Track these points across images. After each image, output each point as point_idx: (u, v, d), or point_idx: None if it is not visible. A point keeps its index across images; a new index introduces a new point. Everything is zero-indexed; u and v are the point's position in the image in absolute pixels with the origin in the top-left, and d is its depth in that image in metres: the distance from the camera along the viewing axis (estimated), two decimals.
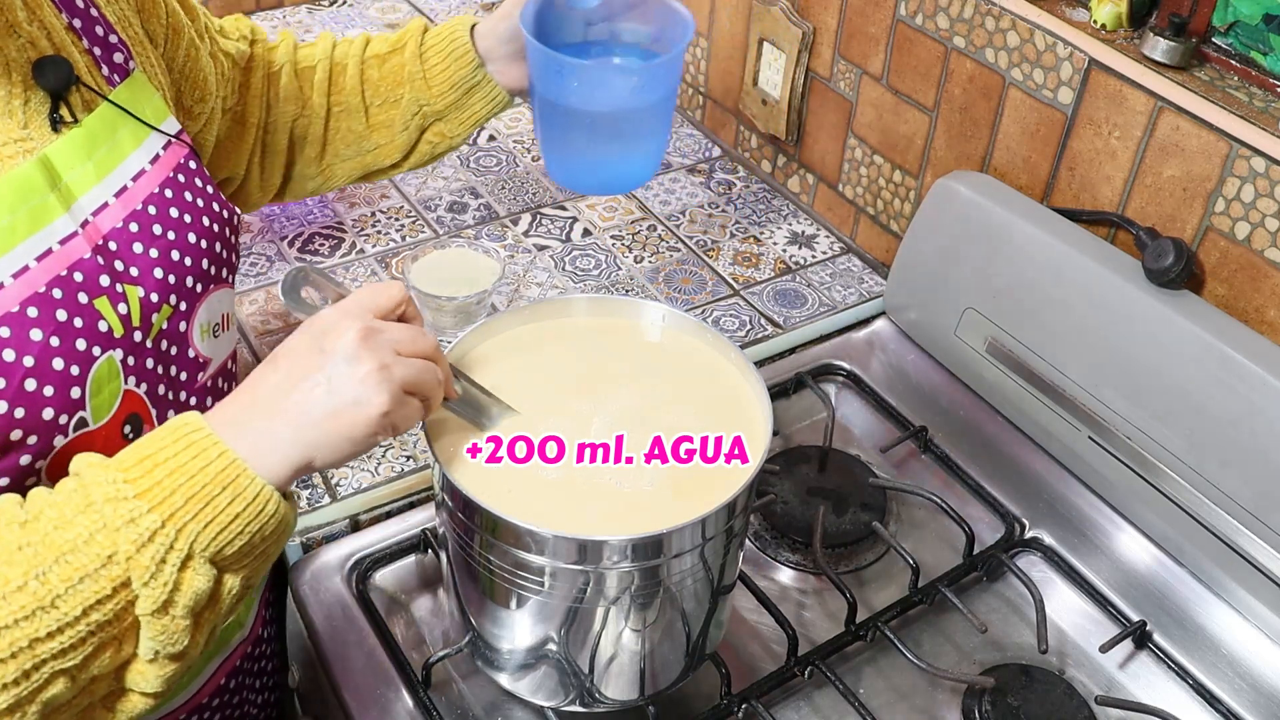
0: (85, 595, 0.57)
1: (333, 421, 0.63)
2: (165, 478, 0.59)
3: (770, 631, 0.98)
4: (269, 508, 0.61)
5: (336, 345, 0.64)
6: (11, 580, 0.55)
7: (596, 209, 1.44)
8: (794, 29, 1.37)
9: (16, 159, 0.65)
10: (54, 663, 0.57)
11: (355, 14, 1.86)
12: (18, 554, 0.56)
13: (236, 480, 0.60)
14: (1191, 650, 0.98)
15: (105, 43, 0.73)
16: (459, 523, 0.78)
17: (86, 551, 0.57)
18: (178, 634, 0.60)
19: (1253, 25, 0.98)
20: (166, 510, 0.58)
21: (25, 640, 0.55)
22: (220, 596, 0.62)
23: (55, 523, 0.57)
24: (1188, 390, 0.97)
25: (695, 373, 0.86)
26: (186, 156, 0.77)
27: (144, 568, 0.58)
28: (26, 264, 0.64)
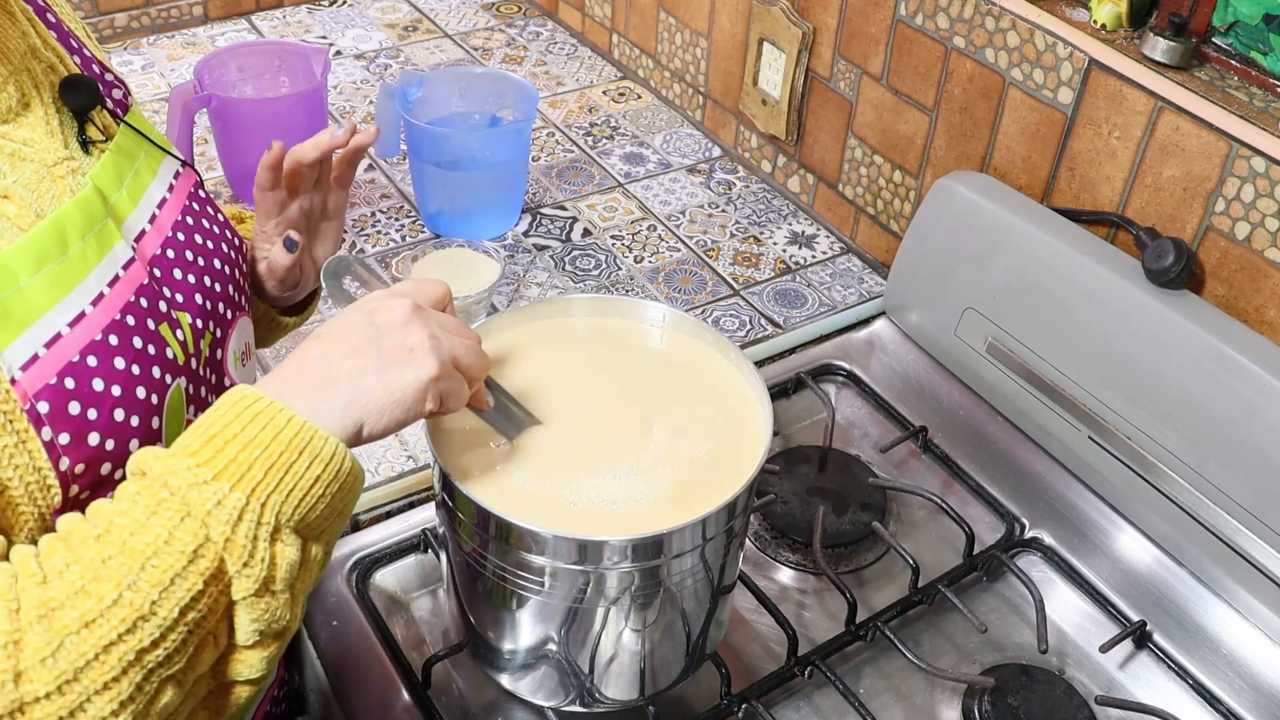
0: (179, 596, 0.55)
1: (383, 385, 0.63)
2: (239, 453, 0.57)
3: (770, 631, 0.98)
4: (345, 465, 0.61)
5: (388, 317, 0.64)
6: (105, 596, 0.54)
7: (596, 209, 1.44)
8: (794, 29, 1.37)
9: (68, 179, 0.64)
10: (161, 670, 0.55)
11: (355, 14, 1.86)
12: (102, 567, 0.55)
13: (311, 443, 0.59)
14: (1191, 650, 0.98)
15: (103, 79, 0.74)
16: (459, 522, 0.78)
17: (170, 551, 0.55)
18: (280, 610, 0.59)
19: (1253, 25, 0.98)
20: (249, 485, 0.57)
21: (132, 653, 0.54)
22: (309, 564, 0.61)
23: (130, 529, 0.56)
24: (1188, 390, 0.97)
25: (695, 373, 0.86)
26: (196, 185, 0.77)
27: (240, 547, 0.57)
28: (101, 290, 0.63)
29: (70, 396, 0.60)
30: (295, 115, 1.35)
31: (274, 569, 0.58)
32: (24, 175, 0.62)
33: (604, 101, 1.68)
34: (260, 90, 1.43)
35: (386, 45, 1.78)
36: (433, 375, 0.64)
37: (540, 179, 1.49)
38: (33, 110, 0.64)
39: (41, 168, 0.63)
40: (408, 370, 0.63)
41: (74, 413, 0.60)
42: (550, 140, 1.57)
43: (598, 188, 1.49)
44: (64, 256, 0.61)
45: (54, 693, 0.52)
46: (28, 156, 0.63)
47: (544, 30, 1.86)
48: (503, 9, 1.91)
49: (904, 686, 0.96)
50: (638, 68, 1.73)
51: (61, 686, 0.52)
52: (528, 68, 1.75)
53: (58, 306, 0.60)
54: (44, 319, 0.60)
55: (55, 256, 0.61)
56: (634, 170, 1.52)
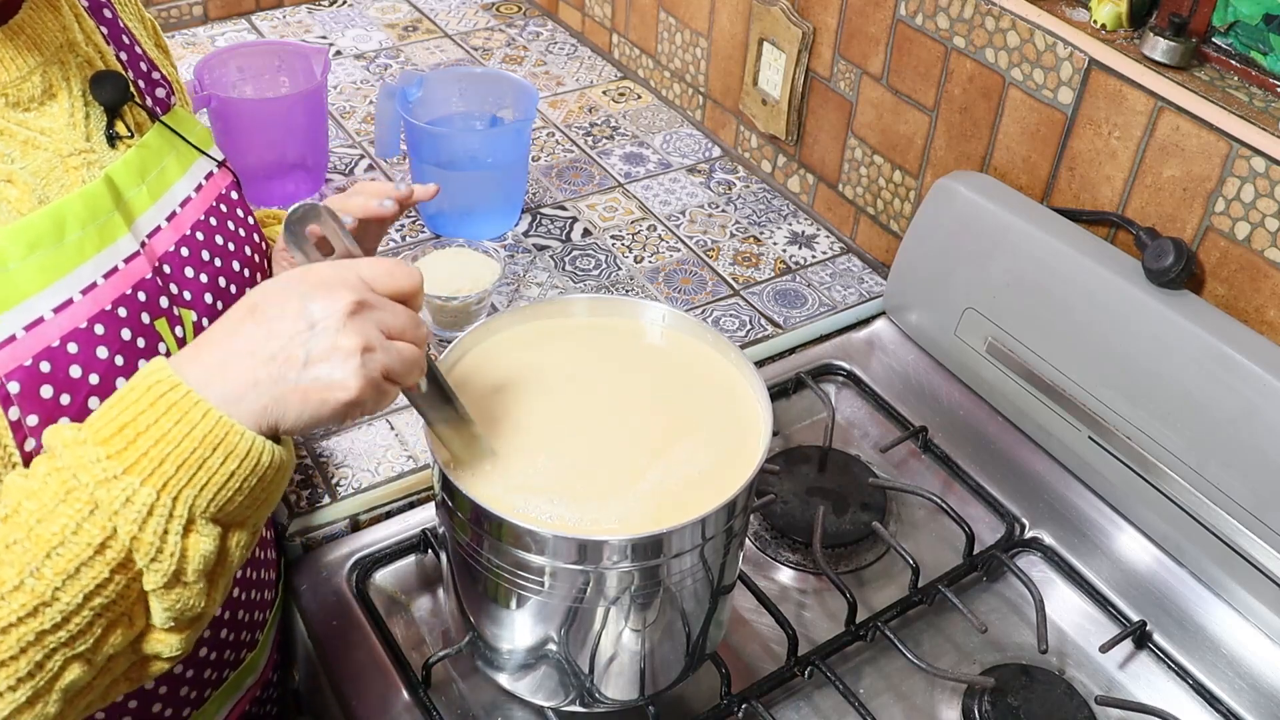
0: (84, 582, 0.55)
1: (302, 394, 0.60)
2: (151, 447, 0.56)
3: (770, 631, 0.98)
4: (264, 459, 0.59)
5: (323, 314, 0.60)
6: (7, 580, 0.54)
7: (596, 209, 1.44)
8: (794, 29, 1.37)
9: (81, 170, 0.65)
10: (65, 650, 0.56)
11: (355, 14, 1.86)
12: (6, 552, 0.55)
13: (226, 438, 0.57)
14: (1191, 650, 0.98)
15: (149, 78, 0.75)
16: (458, 522, 0.78)
17: (77, 541, 0.55)
18: (193, 599, 0.59)
19: (1253, 25, 0.98)
20: (159, 480, 0.56)
21: (32, 634, 0.54)
22: (228, 550, 0.61)
23: (37, 515, 0.55)
24: (1188, 390, 0.97)
25: (695, 373, 0.86)
26: (229, 186, 0.78)
27: (148, 544, 0.56)
28: (95, 281, 0.64)
29: (44, 380, 0.61)
30: (295, 115, 1.35)
31: (185, 562, 0.58)
32: (34, 163, 0.63)
33: (604, 101, 1.68)
34: (260, 90, 1.43)
35: (386, 45, 1.78)
36: (351, 399, 0.61)
37: (540, 179, 1.49)
38: (58, 101, 0.66)
39: (55, 157, 0.64)
40: (328, 390, 0.60)
41: (46, 396, 0.61)
42: (550, 140, 1.57)
43: (598, 188, 1.49)
44: (59, 244, 0.62)
45: None
46: (41, 145, 0.64)
47: (544, 30, 1.86)
48: (503, 9, 1.91)
49: (904, 686, 0.96)
50: (638, 68, 1.73)
51: None
52: (528, 68, 1.75)
53: (44, 291, 0.61)
54: (27, 302, 0.60)
55: (50, 243, 0.62)
56: (634, 170, 1.52)
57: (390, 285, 0.64)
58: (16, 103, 0.63)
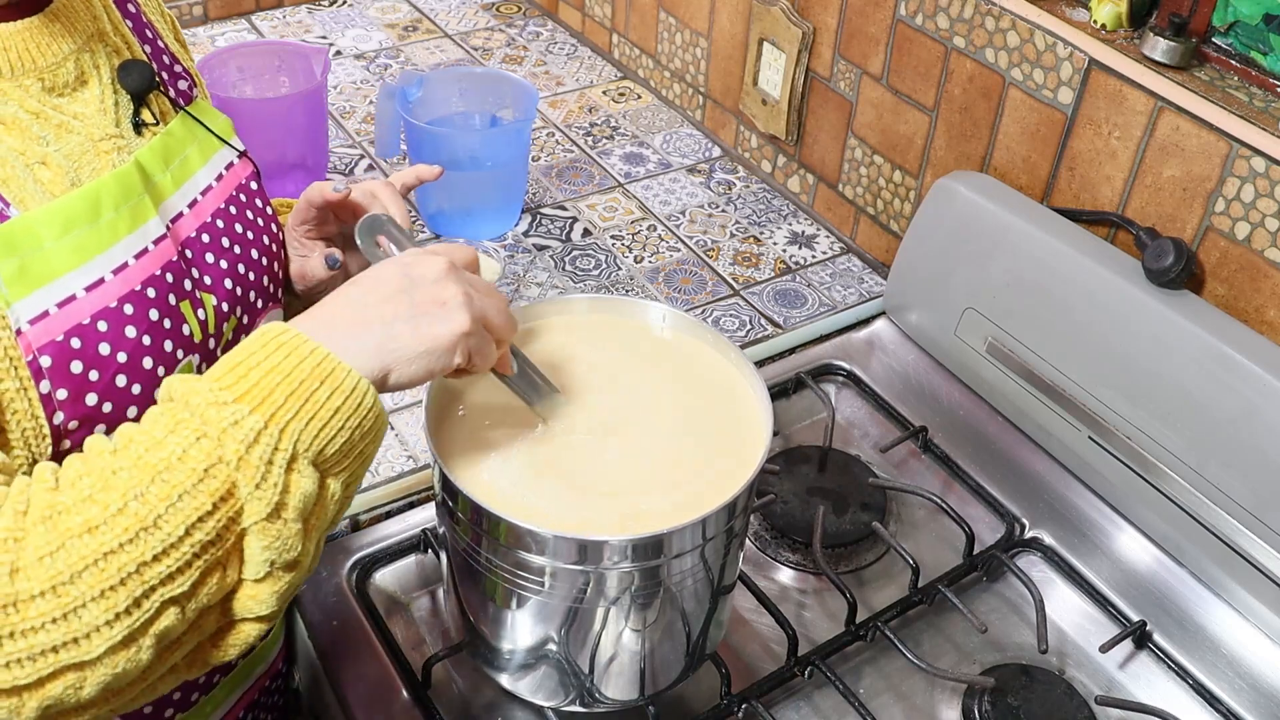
0: (186, 512, 0.56)
1: (415, 333, 0.64)
2: (262, 379, 0.59)
3: (770, 631, 0.98)
4: (366, 400, 0.61)
5: (424, 271, 0.66)
6: (111, 504, 0.55)
7: (596, 209, 1.44)
8: (794, 29, 1.37)
9: (111, 155, 0.67)
10: (163, 589, 0.56)
11: (355, 14, 1.86)
12: (113, 478, 0.56)
13: (333, 374, 0.60)
14: (1191, 650, 0.98)
15: (172, 70, 0.77)
16: (459, 522, 0.78)
17: (181, 468, 0.56)
18: (291, 539, 0.59)
19: (1253, 25, 0.98)
20: (268, 410, 0.58)
21: (133, 565, 0.54)
22: (325, 501, 0.62)
23: (146, 445, 0.57)
24: (1188, 390, 0.97)
25: (695, 373, 0.86)
26: (249, 177, 0.80)
27: (254, 468, 0.57)
28: (126, 261, 0.65)
29: (74, 356, 0.62)
30: (295, 115, 1.35)
31: (286, 495, 0.59)
32: (67, 146, 0.65)
33: (604, 101, 1.68)
34: (260, 90, 1.43)
35: (386, 45, 1.78)
36: (464, 330, 0.65)
37: (540, 179, 1.49)
38: (90, 88, 0.68)
39: (87, 141, 0.66)
40: (439, 323, 0.64)
41: (75, 371, 0.62)
42: (550, 140, 1.57)
43: (598, 188, 1.49)
44: (94, 224, 0.64)
45: (48, 592, 0.53)
46: (74, 129, 0.66)
47: (544, 30, 1.86)
48: (503, 9, 1.91)
49: (904, 686, 0.96)
50: (638, 68, 1.73)
51: (56, 587, 0.53)
52: (528, 68, 1.75)
53: (78, 270, 0.63)
54: (61, 280, 0.62)
55: (84, 223, 0.64)
56: (634, 170, 1.52)
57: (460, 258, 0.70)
58: (52, 87, 0.66)
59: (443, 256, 0.68)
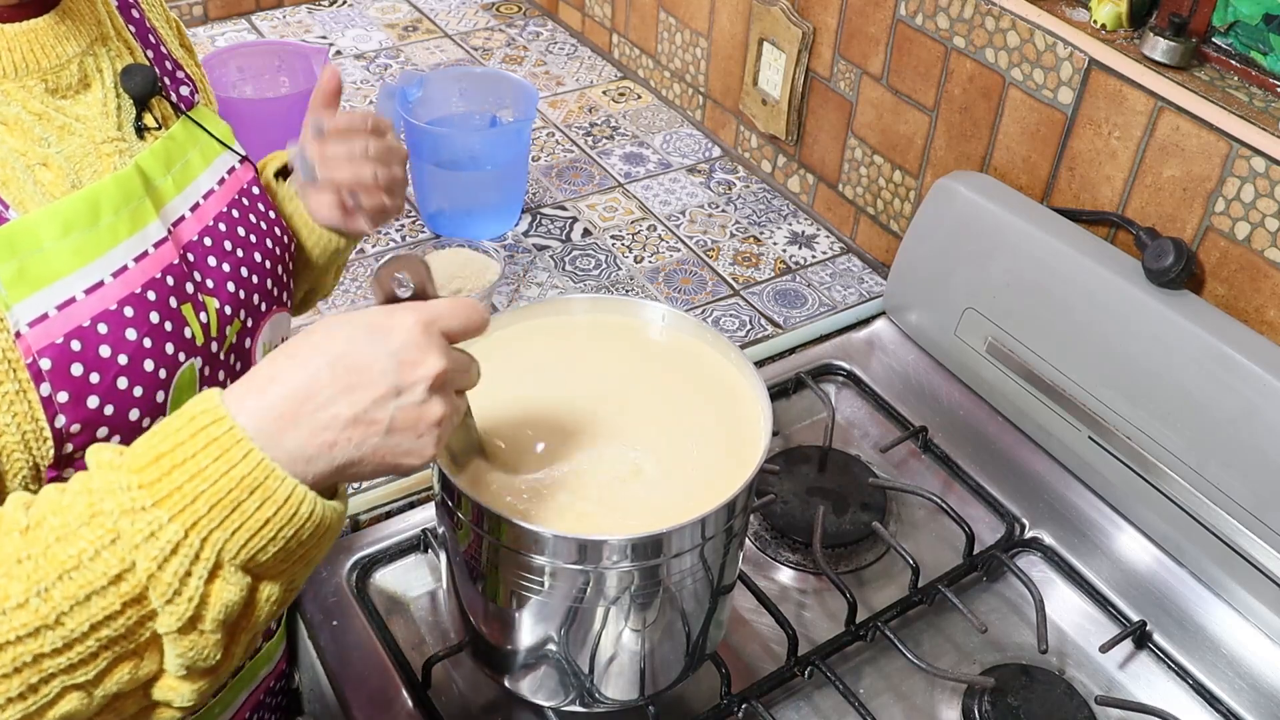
0: (92, 611, 0.52)
1: (378, 458, 0.58)
2: (186, 482, 0.53)
3: (770, 631, 0.98)
4: (304, 509, 0.55)
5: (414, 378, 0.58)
6: (12, 596, 0.52)
7: (596, 209, 1.44)
8: (794, 29, 1.37)
9: (113, 158, 0.67)
10: (63, 677, 0.53)
11: (355, 14, 1.86)
12: (17, 567, 0.52)
13: (265, 482, 0.54)
14: (1191, 650, 0.98)
15: (174, 75, 0.77)
16: (459, 523, 0.78)
17: (92, 568, 0.52)
18: (208, 649, 0.56)
19: (1253, 25, 0.98)
20: (189, 519, 0.53)
21: (29, 655, 0.52)
22: (256, 604, 0.57)
23: (58, 533, 0.53)
24: (1188, 390, 0.97)
25: (695, 372, 0.86)
26: (251, 181, 0.80)
27: (166, 584, 0.53)
28: (125, 264, 0.65)
29: (74, 358, 0.62)
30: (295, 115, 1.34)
31: (203, 608, 0.54)
32: (69, 148, 0.65)
33: (604, 101, 1.68)
34: (260, 90, 1.43)
35: (386, 45, 1.78)
36: (425, 459, 0.60)
37: (540, 179, 1.49)
38: (93, 90, 0.68)
39: (89, 144, 0.67)
40: (406, 456, 0.59)
41: (76, 374, 0.62)
42: (550, 140, 1.57)
43: (598, 188, 1.49)
44: (94, 227, 0.64)
45: None
46: (77, 131, 0.66)
47: (544, 30, 1.86)
48: (503, 9, 1.91)
49: (904, 686, 0.96)
50: (638, 68, 1.73)
51: None
52: (528, 68, 1.75)
53: (77, 272, 0.63)
54: (61, 282, 0.62)
55: (84, 225, 0.64)
56: (634, 170, 1.52)
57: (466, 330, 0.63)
58: (55, 89, 0.66)
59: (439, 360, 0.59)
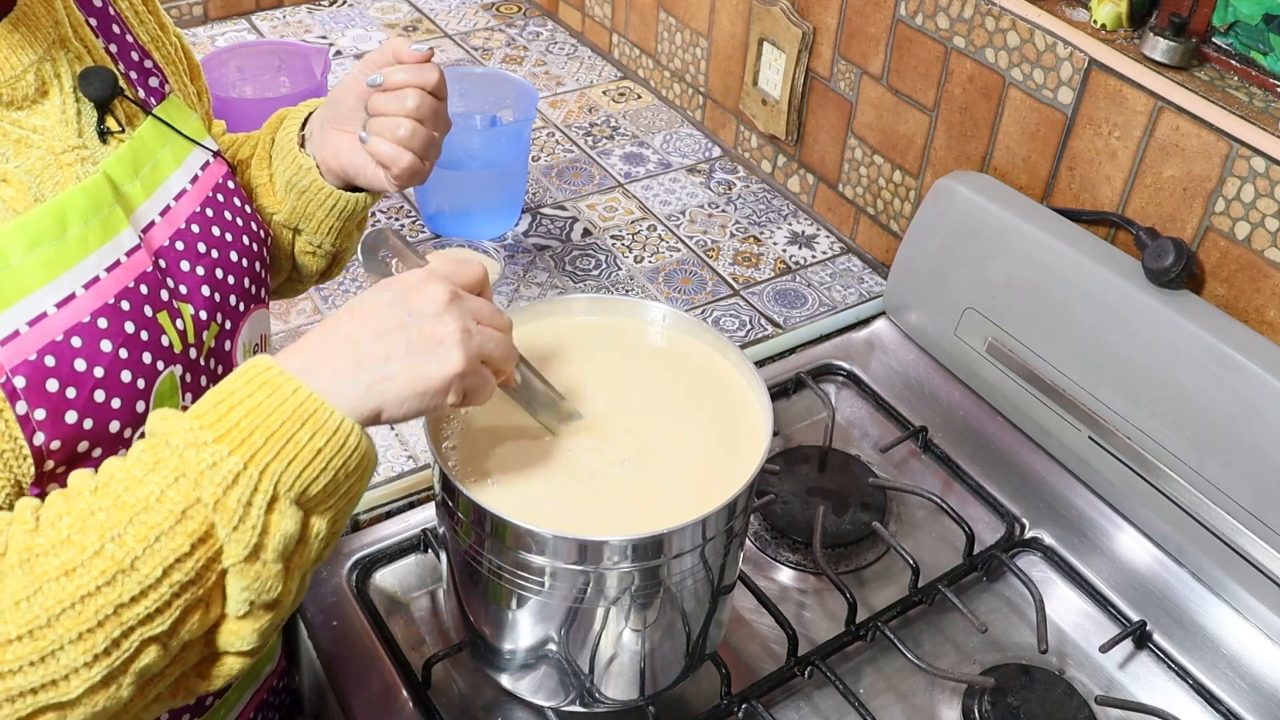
0: (164, 554, 0.55)
1: (408, 374, 0.62)
2: (243, 418, 0.57)
3: (770, 631, 0.98)
4: (350, 440, 0.60)
5: (421, 303, 0.63)
6: (88, 546, 0.54)
7: (596, 209, 1.44)
8: (794, 29, 1.37)
9: (75, 167, 0.65)
10: (142, 629, 0.55)
11: (355, 14, 1.86)
12: (90, 519, 0.55)
13: (315, 414, 0.59)
14: (1191, 650, 0.98)
15: (141, 67, 0.75)
16: (459, 522, 0.78)
17: (159, 509, 0.55)
18: (270, 580, 0.59)
19: (1253, 25, 0.98)
20: (248, 451, 0.57)
21: (110, 607, 0.54)
22: (308, 539, 0.60)
23: (125, 484, 0.56)
24: (1188, 390, 0.97)
25: (695, 372, 0.86)
26: (225, 176, 0.78)
27: (231, 511, 0.56)
28: (97, 275, 0.64)
29: (49, 374, 0.61)
30: None
31: (265, 537, 0.58)
32: (27, 161, 0.63)
33: (604, 101, 1.68)
34: (260, 90, 1.43)
35: None
36: (458, 371, 0.63)
37: (540, 179, 1.49)
38: (50, 98, 0.66)
39: (48, 155, 0.64)
40: (433, 363, 0.63)
41: (52, 390, 0.61)
42: (550, 140, 1.57)
43: (598, 188, 1.49)
44: (61, 239, 0.63)
45: (25, 636, 0.53)
46: (34, 144, 0.64)
47: (544, 30, 1.86)
48: (503, 9, 1.91)
49: (904, 686, 0.96)
50: (638, 68, 1.73)
51: (34, 631, 0.53)
52: (528, 68, 1.75)
53: (47, 286, 0.62)
54: (30, 297, 0.61)
55: (52, 238, 0.62)
56: (634, 170, 1.52)
57: (466, 279, 0.68)
58: (10, 102, 0.63)
59: (444, 284, 0.65)
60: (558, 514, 0.74)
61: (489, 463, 0.77)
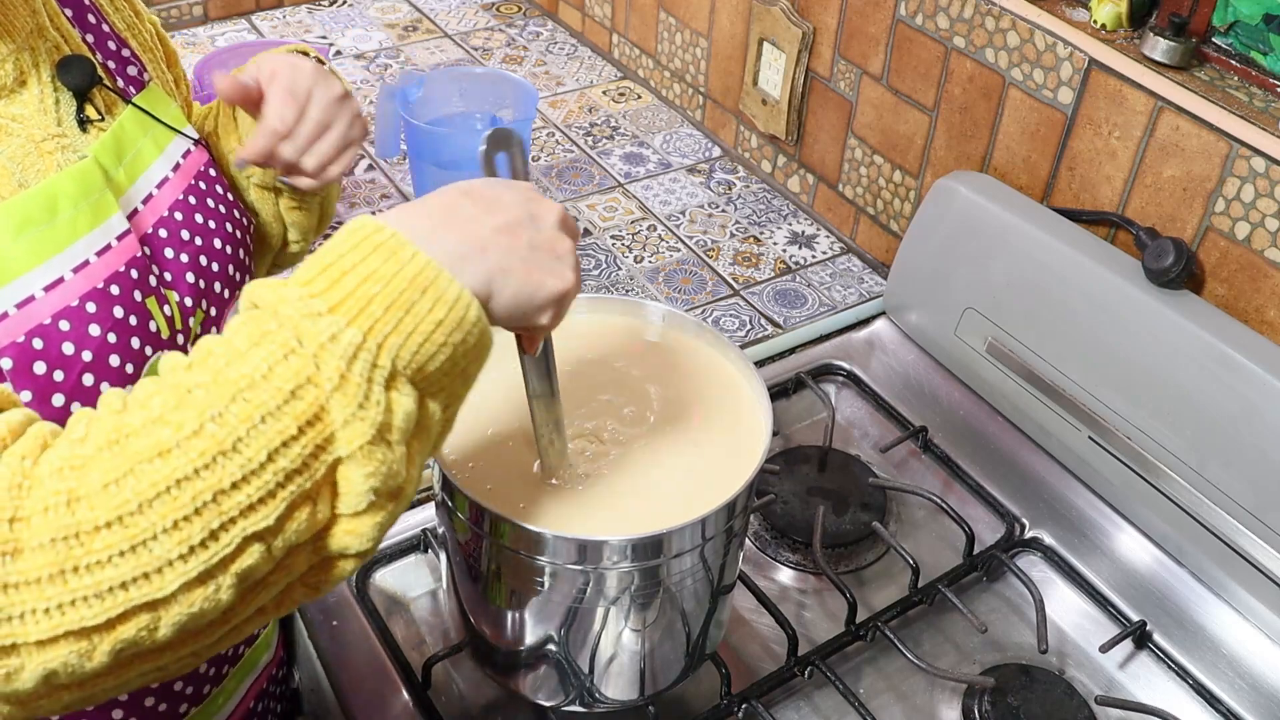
0: (269, 436, 0.50)
1: (525, 274, 0.59)
2: (358, 286, 0.52)
3: (770, 631, 0.98)
4: (471, 314, 0.55)
5: (542, 212, 0.61)
6: (185, 425, 0.49)
7: (597, 209, 1.44)
8: (794, 29, 1.37)
9: (55, 155, 0.65)
10: (243, 522, 0.49)
11: (355, 14, 1.86)
12: (187, 397, 0.50)
13: (435, 282, 0.53)
14: (1191, 650, 0.98)
15: (119, 56, 0.74)
16: (459, 522, 0.78)
17: (266, 386, 0.50)
18: (397, 464, 0.53)
19: (1253, 25, 0.98)
20: (366, 322, 0.52)
21: (209, 493, 0.48)
22: (427, 422, 0.56)
23: (227, 359, 0.51)
24: (1188, 390, 0.97)
25: (695, 373, 0.86)
26: (206, 164, 0.77)
27: (356, 387, 0.51)
28: (87, 259, 0.64)
29: (36, 356, 0.61)
30: None
31: (390, 415, 0.53)
32: (9, 149, 0.63)
33: (604, 101, 1.68)
34: None
35: (386, 45, 1.78)
36: (567, 289, 0.61)
37: (540, 179, 1.49)
38: (29, 88, 0.66)
39: (28, 143, 0.64)
40: (551, 274, 0.60)
41: (39, 372, 0.61)
42: (550, 140, 1.57)
43: (598, 188, 1.49)
44: (51, 223, 0.62)
45: (114, 522, 0.48)
46: (14, 132, 0.64)
47: (544, 30, 1.86)
48: (503, 9, 1.91)
49: (904, 686, 0.96)
50: (638, 68, 1.73)
51: (123, 517, 0.48)
52: (528, 68, 1.75)
53: (36, 270, 0.61)
54: (19, 280, 0.61)
55: (42, 222, 0.62)
56: (634, 170, 1.52)
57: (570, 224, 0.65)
58: None
59: (560, 205, 0.63)
60: (558, 514, 0.74)
61: (489, 463, 0.77)
